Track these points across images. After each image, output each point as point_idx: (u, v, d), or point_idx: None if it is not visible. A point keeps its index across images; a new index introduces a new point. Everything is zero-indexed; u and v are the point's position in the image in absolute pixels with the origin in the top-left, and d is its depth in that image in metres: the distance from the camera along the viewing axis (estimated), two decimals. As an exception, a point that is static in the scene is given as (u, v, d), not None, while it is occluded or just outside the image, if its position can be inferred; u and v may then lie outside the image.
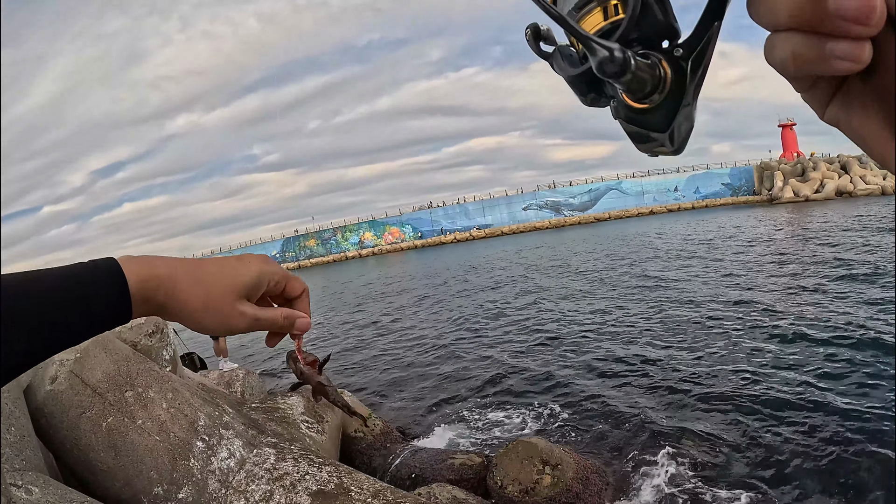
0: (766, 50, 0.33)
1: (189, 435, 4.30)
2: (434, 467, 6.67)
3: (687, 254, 21.87)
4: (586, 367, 9.37)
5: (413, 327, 15.82)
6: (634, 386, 8.26)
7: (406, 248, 79.57)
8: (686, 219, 50.27)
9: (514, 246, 47.50)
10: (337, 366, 12.29)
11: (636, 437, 6.70)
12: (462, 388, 9.41)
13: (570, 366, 9.64)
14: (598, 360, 9.63)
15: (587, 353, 10.18)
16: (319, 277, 50.38)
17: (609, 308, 13.91)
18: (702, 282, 15.37)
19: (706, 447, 6.18)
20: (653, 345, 10.06)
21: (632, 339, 10.65)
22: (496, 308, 16.76)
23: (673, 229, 38.63)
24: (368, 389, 10.18)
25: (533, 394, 8.64)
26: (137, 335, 5.10)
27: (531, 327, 13.19)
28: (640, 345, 10.18)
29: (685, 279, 16.16)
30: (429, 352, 12.41)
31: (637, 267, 20.45)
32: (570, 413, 7.77)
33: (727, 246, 22.66)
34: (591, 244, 35.15)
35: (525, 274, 24.70)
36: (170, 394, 4.43)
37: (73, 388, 4.07)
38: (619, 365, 9.25)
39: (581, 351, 10.43)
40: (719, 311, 11.70)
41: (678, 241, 28.37)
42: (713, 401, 7.26)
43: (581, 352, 10.37)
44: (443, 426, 8.05)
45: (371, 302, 23.99)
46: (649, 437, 6.62)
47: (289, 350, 0.88)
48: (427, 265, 42.41)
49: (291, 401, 6.45)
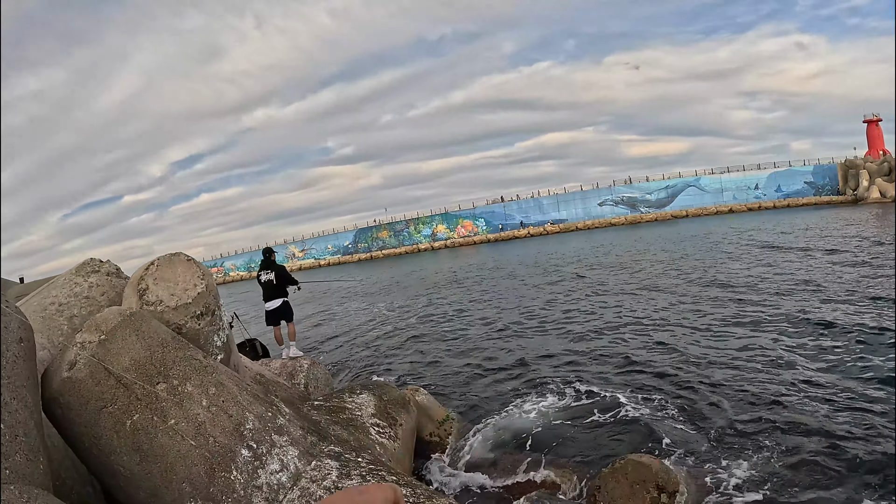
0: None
1: (232, 440, 3.45)
2: (520, 484, 5.72)
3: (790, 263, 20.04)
4: (689, 364, 8.20)
5: (485, 318, 14.87)
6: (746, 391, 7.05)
7: (479, 241, 78.55)
8: (769, 218, 47.22)
9: (588, 242, 45.86)
10: (405, 360, 11.47)
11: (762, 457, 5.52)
12: (544, 380, 8.41)
13: (674, 365, 8.47)
14: (695, 360, 8.44)
15: (686, 352, 8.98)
16: (389, 268, 50.11)
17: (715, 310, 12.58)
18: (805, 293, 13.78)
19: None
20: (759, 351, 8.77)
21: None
22: (570, 301, 15.63)
23: (764, 229, 36.21)
24: (442, 384, 9.28)
25: (626, 388, 7.55)
26: (183, 316, 4.29)
27: (613, 323, 12.02)
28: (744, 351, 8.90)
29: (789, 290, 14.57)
30: (501, 342, 11.44)
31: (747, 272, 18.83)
32: (677, 415, 6.64)
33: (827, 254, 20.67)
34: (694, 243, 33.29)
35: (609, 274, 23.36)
36: (212, 388, 3.59)
37: (93, 377, 3.28)
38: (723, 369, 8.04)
39: (680, 350, 9.23)
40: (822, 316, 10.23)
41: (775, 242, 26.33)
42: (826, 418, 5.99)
43: (680, 351, 9.18)
44: (524, 422, 7.06)
45: (442, 291, 23.16)
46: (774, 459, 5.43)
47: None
48: (501, 258, 41.37)
49: (361, 399, 5.57)
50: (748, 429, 6.20)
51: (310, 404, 5.32)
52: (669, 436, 6.31)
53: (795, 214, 49.92)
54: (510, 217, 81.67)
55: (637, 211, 78.23)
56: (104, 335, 3.41)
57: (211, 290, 4.69)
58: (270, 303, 10.32)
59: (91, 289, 4.99)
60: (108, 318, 3.53)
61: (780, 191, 73.42)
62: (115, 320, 3.52)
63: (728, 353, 8.77)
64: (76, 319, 4.65)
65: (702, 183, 77.63)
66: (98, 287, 5.02)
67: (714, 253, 24.03)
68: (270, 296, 10.31)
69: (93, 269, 5.18)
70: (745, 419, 6.40)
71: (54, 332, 4.55)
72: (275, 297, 10.34)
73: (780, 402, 6.67)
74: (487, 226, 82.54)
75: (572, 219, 79.43)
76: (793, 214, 50.61)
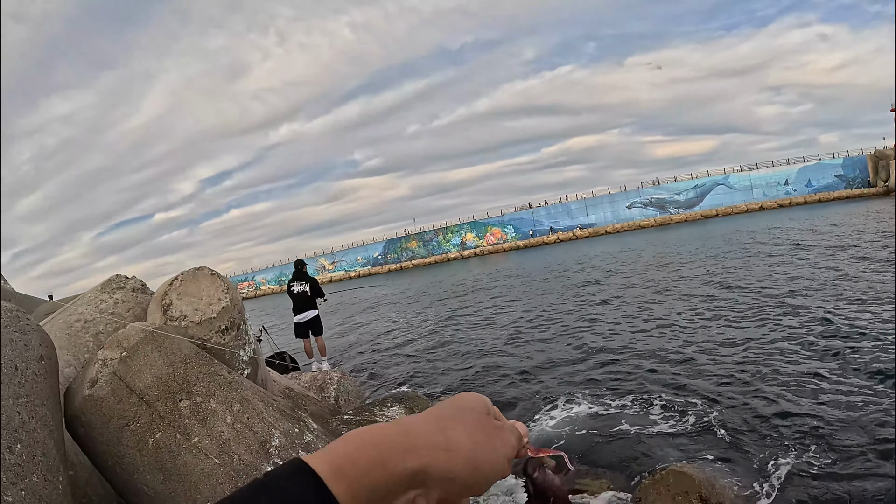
0: None
1: (258, 458, 3.34)
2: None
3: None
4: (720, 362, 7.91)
5: (512, 325, 14.64)
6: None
7: (508, 248, 78.21)
8: (802, 215, 46.09)
9: (617, 246, 45.25)
10: (434, 370, 11.32)
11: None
12: (572, 387, 8.18)
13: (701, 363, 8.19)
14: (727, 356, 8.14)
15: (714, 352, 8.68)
16: (419, 277, 50.02)
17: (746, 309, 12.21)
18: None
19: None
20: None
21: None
22: (603, 305, 15.32)
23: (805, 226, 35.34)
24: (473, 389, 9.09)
25: (659, 396, 7.28)
26: (207, 331, 4.21)
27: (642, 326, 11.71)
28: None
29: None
30: (529, 349, 11.22)
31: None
32: (714, 425, 6.37)
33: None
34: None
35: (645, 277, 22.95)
36: (237, 405, 3.49)
37: (115, 395, 3.20)
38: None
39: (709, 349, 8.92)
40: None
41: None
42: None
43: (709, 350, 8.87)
44: (554, 430, 6.84)
45: (470, 298, 22.98)
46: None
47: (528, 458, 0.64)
48: (530, 265, 41.04)
49: (392, 412, 5.45)
50: (791, 438, 5.91)
51: (339, 418, 5.20)
52: (708, 446, 6.05)
53: (829, 210, 48.74)
54: (538, 223, 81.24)
55: (666, 212, 77.24)
56: (126, 352, 3.33)
57: (236, 305, 4.62)
58: (303, 314, 10.28)
59: (116, 305, 4.95)
60: (129, 335, 3.46)
61: (811, 185, 71.96)
62: (136, 337, 3.45)
63: (770, 364, 8.45)
64: (101, 336, 4.61)
65: (731, 181, 76.41)
66: (123, 303, 4.99)
67: (748, 256, 23.48)
68: (303, 307, 10.28)
69: (118, 286, 5.15)
70: (787, 430, 6.12)
71: (80, 348, 4.51)
72: (307, 308, 10.31)
73: (822, 414, 6.36)
74: (516, 233, 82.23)
75: (601, 223, 78.73)
76: (826, 210, 49.43)
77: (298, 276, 10.43)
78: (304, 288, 10.32)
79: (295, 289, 10.29)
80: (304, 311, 10.26)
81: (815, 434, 5.83)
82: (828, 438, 5.70)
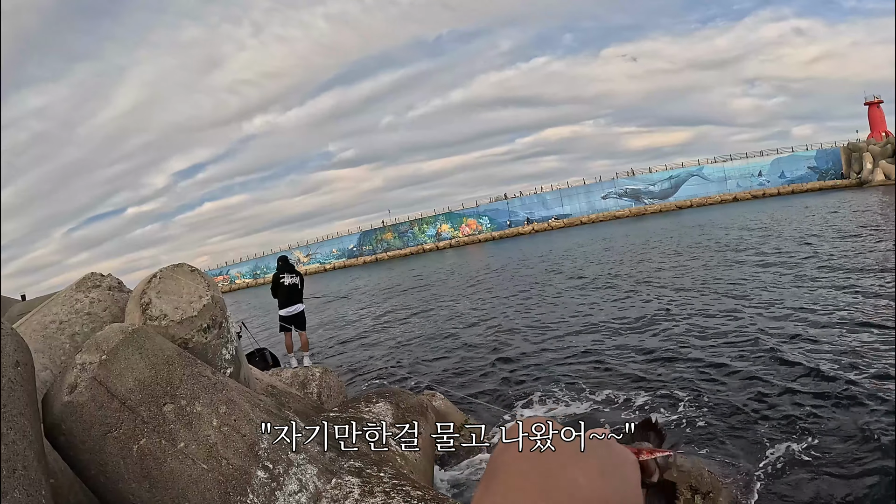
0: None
1: (247, 462, 3.23)
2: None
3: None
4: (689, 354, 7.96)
5: (495, 318, 14.63)
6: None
7: (483, 239, 78.35)
8: (775, 206, 46.79)
9: (591, 237, 45.55)
10: (417, 364, 11.25)
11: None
12: (562, 381, 8.19)
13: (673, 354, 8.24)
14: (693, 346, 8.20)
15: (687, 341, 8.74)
16: (394, 270, 49.85)
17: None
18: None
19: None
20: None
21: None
22: (576, 294, 15.38)
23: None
24: (458, 388, 9.05)
25: (646, 387, 7.31)
26: (189, 330, 4.06)
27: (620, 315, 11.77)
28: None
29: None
30: (515, 343, 11.20)
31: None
32: (705, 413, 6.41)
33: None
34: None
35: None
36: (223, 407, 3.38)
37: (95, 400, 3.06)
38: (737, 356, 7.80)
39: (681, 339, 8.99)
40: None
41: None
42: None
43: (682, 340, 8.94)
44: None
45: (450, 291, 22.91)
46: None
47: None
48: (506, 256, 41.09)
49: (378, 407, 5.36)
50: (779, 429, 5.96)
51: (325, 416, 5.10)
52: (698, 435, 6.09)
53: (802, 200, 49.55)
54: (514, 214, 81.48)
55: (641, 203, 77.98)
56: (105, 355, 3.20)
57: (217, 302, 4.48)
58: (292, 307, 10.15)
59: (92, 304, 4.78)
60: (109, 337, 3.32)
61: (784, 177, 73.20)
62: (116, 338, 3.31)
63: (751, 350, 8.52)
64: (78, 337, 4.44)
65: (705, 172, 77.44)
66: (100, 302, 4.81)
67: (724, 245, 23.76)
68: (292, 300, 10.15)
69: (94, 284, 4.98)
70: (775, 421, 6.17)
71: (56, 351, 4.34)
72: (296, 301, 10.19)
73: (808, 405, 6.42)
74: (491, 223, 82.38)
75: (576, 213, 79.27)
76: (799, 200, 50.24)
77: (287, 268, 10.29)
78: (295, 280, 10.22)
79: (286, 280, 10.15)
80: (292, 303, 10.14)
81: (804, 425, 5.90)
82: (816, 430, 5.76)
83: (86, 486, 3.39)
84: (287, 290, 10.04)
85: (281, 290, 10.06)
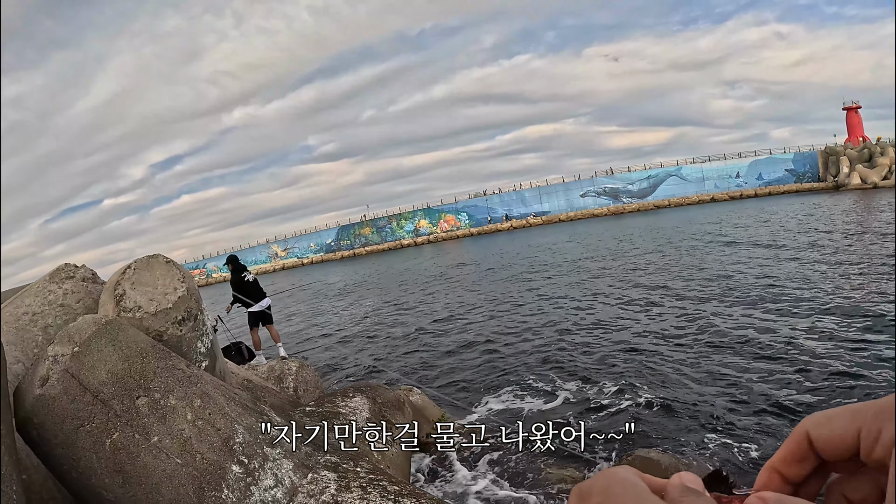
0: None
1: (222, 456, 3.20)
2: (524, 480, 5.52)
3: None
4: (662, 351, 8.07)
5: (470, 314, 14.65)
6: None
7: (462, 235, 78.38)
8: (752, 207, 47.43)
9: (569, 234, 45.81)
10: (393, 359, 11.23)
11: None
12: (538, 377, 8.23)
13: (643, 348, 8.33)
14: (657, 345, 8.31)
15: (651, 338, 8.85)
16: (371, 265, 49.70)
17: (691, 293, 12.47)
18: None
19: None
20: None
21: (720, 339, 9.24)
22: (549, 293, 15.47)
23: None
24: (434, 383, 9.05)
25: (623, 385, 7.38)
26: (163, 322, 4.01)
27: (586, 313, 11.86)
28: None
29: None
30: (491, 339, 11.23)
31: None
32: (679, 410, 6.48)
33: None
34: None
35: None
36: (197, 400, 3.34)
37: (68, 393, 3.01)
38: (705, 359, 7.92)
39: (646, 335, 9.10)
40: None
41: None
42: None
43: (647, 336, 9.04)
44: (523, 420, 6.85)
45: (426, 287, 22.91)
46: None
47: None
48: (484, 253, 41.18)
49: (354, 402, 5.34)
50: (751, 420, 6.05)
51: (302, 410, 5.07)
52: (674, 430, 6.15)
53: (779, 202, 50.26)
54: (492, 210, 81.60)
55: (619, 201, 78.47)
56: (78, 347, 3.14)
57: (192, 294, 4.43)
58: (263, 301, 10.12)
59: (66, 296, 4.70)
60: (81, 328, 3.27)
61: (761, 179, 73.99)
62: (89, 330, 3.25)
63: (729, 348, 8.63)
64: (51, 329, 4.36)
65: (683, 172, 78.07)
66: (73, 294, 4.73)
67: (699, 246, 24.03)
68: (260, 295, 10.11)
69: (67, 276, 4.89)
70: (750, 416, 6.26)
71: (28, 343, 4.26)
72: (264, 295, 10.16)
73: (784, 400, 6.52)
74: (470, 220, 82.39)
75: (555, 211, 79.50)
76: (776, 202, 50.95)
77: (243, 268, 10.29)
78: (254, 276, 10.22)
79: (248, 277, 10.11)
80: (262, 297, 10.10)
81: (779, 420, 5.98)
82: (792, 426, 5.85)
83: (59, 482, 3.34)
84: (253, 286, 10.04)
85: (248, 287, 10.03)
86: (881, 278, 11.22)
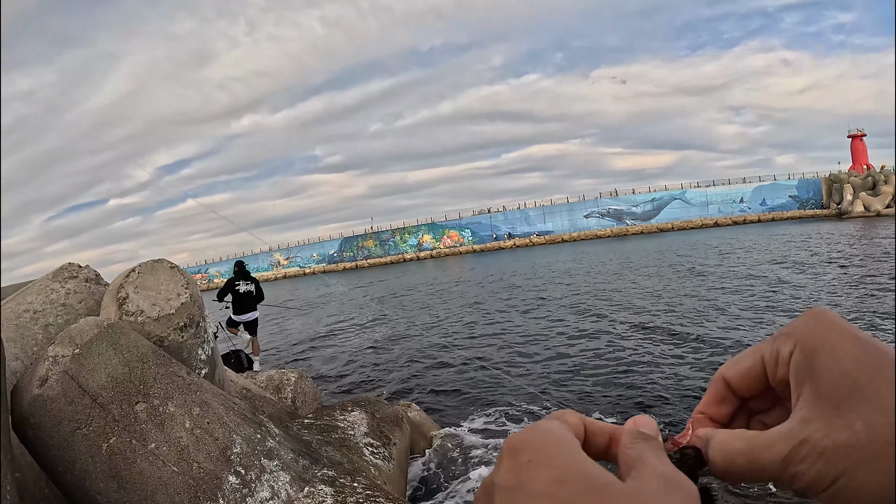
0: None
1: (219, 466, 3.16)
2: None
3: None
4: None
5: (470, 330, 14.61)
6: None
7: (465, 251, 78.45)
8: (757, 232, 47.40)
9: (572, 255, 45.78)
10: (393, 374, 11.18)
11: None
12: (535, 393, 8.18)
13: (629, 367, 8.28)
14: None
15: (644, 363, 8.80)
16: (374, 277, 49.72)
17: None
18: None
19: None
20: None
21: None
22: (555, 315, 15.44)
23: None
24: (432, 399, 8.99)
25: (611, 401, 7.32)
26: (165, 328, 3.99)
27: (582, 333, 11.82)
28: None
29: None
30: (490, 355, 11.19)
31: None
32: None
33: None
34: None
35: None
36: (196, 409, 3.30)
37: (66, 395, 2.98)
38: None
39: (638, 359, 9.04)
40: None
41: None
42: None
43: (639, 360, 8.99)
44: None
45: (428, 301, 22.88)
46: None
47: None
48: (486, 271, 41.18)
49: (353, 416, 5.29)
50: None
51: (300, 422, 5.02)
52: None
53: (782, 228, 50.20)
54: (496, 228, 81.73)
55: (623, 223, 78.54)
56: (78, 349, 3.12)
57: (196, 300, 4.41)
58: (248, 314, 10.12)
59: (68, 296, 4.68)
60: (83, 330, 3.24)
61: (765, 204, 74.04)
62: (90, 332, 3.23)
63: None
64: (52, 328, 4.34)
65: (687, 196, 78.17)
66: (76, 294, 4.71)
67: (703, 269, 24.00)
68: (248, 307, 10.11)
69: (70, 275, 4.87)
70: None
71: (28, 341, 4.23)
72: (251, 309, 10.15)
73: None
74: (473, 236, 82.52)
75: (558, 230, 79.65)
76: (779, 228, 50.90)
77: (243, 275, 10.22)
78: (250, 287, 10.15)
79: (241, 288, 10.07)
80: (247, 311, 10.10)
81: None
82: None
83: (52, 483, 3.30)
84: (242, 298, 10.00)
85: (236, 297, 10.01)
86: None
